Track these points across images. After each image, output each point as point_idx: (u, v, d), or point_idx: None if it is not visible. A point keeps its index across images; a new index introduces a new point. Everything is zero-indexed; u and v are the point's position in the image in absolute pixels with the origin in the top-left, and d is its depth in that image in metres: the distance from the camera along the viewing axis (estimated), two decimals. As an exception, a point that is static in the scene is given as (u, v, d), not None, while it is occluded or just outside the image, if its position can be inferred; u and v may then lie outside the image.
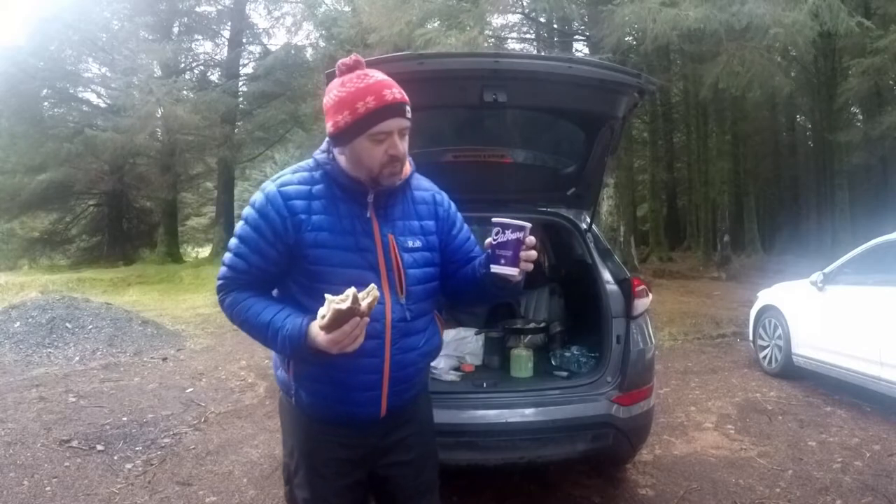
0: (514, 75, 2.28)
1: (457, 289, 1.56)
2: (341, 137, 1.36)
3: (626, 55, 11.11)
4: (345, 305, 1.17)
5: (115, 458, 3.48)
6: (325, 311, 1.20)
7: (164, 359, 6.15)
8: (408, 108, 1.36)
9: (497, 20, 14.32)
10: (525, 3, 13.08)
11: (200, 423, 4.13)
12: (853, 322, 4.47)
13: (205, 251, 20.41)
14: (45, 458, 3.42)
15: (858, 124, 15.79)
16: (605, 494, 3.01)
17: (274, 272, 1.41)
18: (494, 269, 1.32)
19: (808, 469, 3.28)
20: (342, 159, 1.41)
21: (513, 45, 15.60)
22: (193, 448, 3.67)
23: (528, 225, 1.30)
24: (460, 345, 3.24)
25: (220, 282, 1.43)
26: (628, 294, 2.75)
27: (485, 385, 2.81)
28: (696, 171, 18.90)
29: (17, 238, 19.80)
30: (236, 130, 17.91)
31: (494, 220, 1.34)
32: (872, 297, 4.33)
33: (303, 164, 1.48)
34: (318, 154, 1.46)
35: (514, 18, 15.47)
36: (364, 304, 1.20)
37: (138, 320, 7.45)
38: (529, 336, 3.32)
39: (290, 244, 1.36)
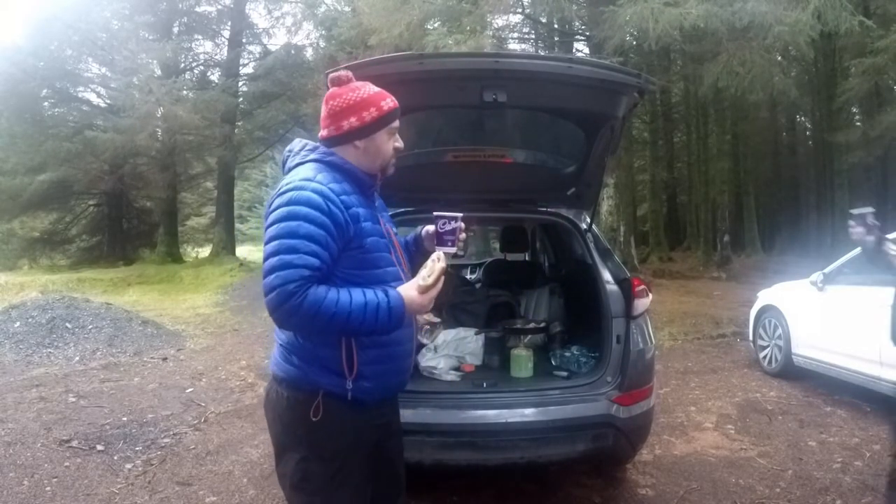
0: (514, 75, 2.28)
1: None
2: (366, 130, 1.54)
3: (626, 55, 11.08)
4: (443, 263, 1.48)
5: (115, 458, 3.48)
6: (429, 272, 1.46)
7: (164, 359, 6.15)
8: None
9: (498, 21, 14.31)
10: (525, 4, 13.07)
11: (200, 423, 4.13)
12: (853, 322, 4.47)
13: (205, 251, 20.39)
14: (45, 458, 3.42)
15: (858, 124, 15.78)
16: (605, 494, 3.01)
17: (332, 268, 1.46)
18: (441, 249, 1.63)
19: (808, 469, 3.28)
20: (354, 155, 1.56)
21: (513, 46, 15.60)
22: (193, 448, 3.67)
23: (461, 215, 1.72)
24: (460, 345, 3.23)
25: (293, 285, 1.35)
26: (628, 294, 2.75)
27: (485, 385, 2.80)
28: (696, 170, 18.88)
29: (17, 238, 19.73)
30: (236, 130, 17.89)
31: (436, 213, 1.71)
32: (872, 297, 4.32)
33: (308, 167, 1.52)
34: (322, 156, 1.54)
35: (514, 19, 15.47)
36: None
37: (138, 320, 7.46)
38: (529, 336, 3.32)
39: (348, 238, 1.48)
